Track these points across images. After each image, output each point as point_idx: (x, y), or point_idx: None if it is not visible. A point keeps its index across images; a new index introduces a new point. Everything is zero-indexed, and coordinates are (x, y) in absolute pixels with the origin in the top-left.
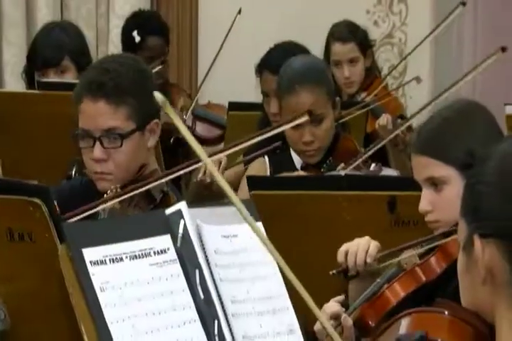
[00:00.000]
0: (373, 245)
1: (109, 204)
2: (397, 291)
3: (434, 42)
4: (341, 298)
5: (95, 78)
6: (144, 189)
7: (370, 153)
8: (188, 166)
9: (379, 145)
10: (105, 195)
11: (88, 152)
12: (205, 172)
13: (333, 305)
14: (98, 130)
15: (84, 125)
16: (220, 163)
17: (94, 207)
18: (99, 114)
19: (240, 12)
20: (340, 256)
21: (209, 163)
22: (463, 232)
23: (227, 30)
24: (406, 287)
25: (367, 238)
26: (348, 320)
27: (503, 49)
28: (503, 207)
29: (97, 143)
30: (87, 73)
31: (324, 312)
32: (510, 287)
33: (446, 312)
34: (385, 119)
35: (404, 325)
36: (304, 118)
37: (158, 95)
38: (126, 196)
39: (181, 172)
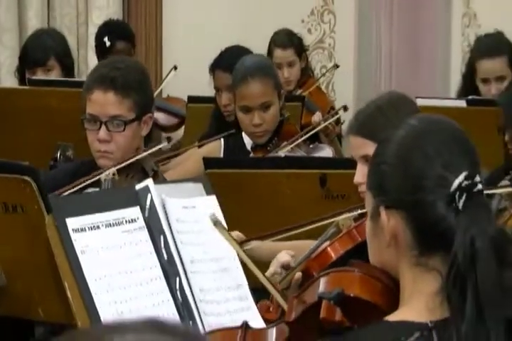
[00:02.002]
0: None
1: (109, 172)
2: (337, 248)
3: (357, 49)
4: (291, 251)
5: (108, 74)
6: (131, 161)
7: (306, 136)
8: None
9: (313, 131)
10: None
11: (94, 133)
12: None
13: (284, 256)
14: (105, 116)
15: (93, 111)
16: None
17: (93, 177)
18: (107, 103)
19: (175, 68)
20: None
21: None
22: (370, 203)
23: (163, 81)
24: (345, 245)
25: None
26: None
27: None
28: (402, 184)
29: (103, 127)
30: (99, 69)
31: (276, 261)
32: (411, 250)
33: (356, 271)
34: (319, 116)
35: (323, 283)
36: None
37: (213, 217)
38: (120, 166)
39: (154, 149)
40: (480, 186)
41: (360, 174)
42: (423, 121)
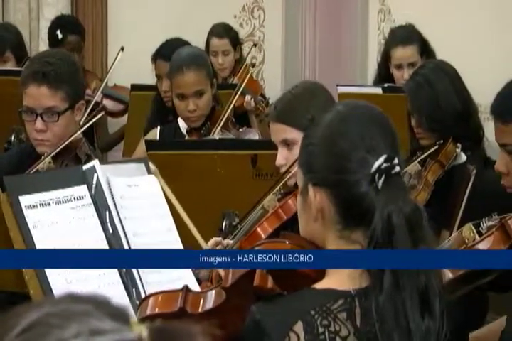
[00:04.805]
0: None
1: (46, 160)
2: (266, 228)
3: (284, 42)
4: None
5: (40, 69)
6: (64, 144)
7: (230, 108)
8: (90, 119)
9: (232, 103)
10: (42, 157)
11: (31, 124)
12: None
13: (215, 238)
14: (40, 108)
15: (29, 104)
16: None
17: (35, 166)
18: (41, 96)
19: (122, 50)
20: None
21: None
22: (300, 181)
23: (113, 62)
24: (272, 224)
25: None
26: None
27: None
28: (327, 164)
29: (39, 118)
30: (31, 64)
31: (212, 242)
32: (335, 224)
33: (287, 242)
34: (249, 98)
35: None
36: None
37: (152, 166)
38: (55, 151)
39: (87, 125)
40: (398, 168)
41: (281, 157)
42: (348, 107)
